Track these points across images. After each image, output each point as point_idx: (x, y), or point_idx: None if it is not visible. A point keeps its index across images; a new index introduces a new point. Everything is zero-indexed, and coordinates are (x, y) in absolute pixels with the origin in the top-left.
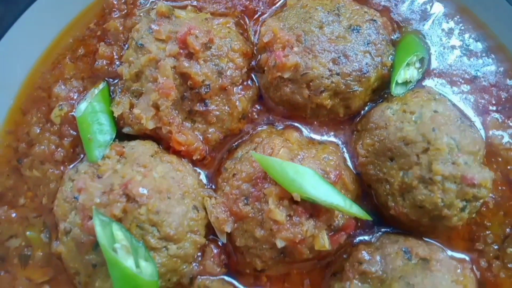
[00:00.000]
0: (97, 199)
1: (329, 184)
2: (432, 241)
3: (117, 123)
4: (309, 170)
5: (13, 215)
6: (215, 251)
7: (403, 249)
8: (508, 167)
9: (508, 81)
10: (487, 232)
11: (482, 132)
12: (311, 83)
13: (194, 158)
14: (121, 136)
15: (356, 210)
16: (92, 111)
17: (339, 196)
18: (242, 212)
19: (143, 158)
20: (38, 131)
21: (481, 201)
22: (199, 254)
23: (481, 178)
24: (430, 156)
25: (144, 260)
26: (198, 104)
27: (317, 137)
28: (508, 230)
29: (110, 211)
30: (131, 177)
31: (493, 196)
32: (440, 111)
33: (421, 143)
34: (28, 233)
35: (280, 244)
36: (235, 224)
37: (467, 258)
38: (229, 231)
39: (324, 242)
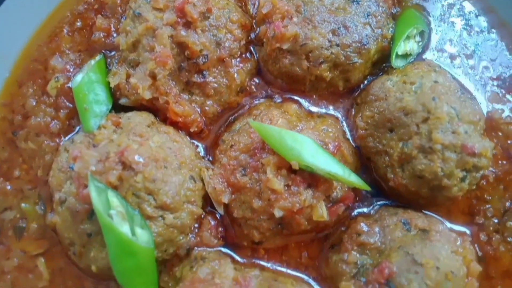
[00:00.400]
0: (92, 167)
1: (328, 153)
2: (431, 214)
3: (114, 94)
4: (308, 138)
5: (8, 187)
6: (212, 223)
7: (402, 221)
8: (508, 142)
9: (509, 56)
10: (487, 206)
11: (483, 106)
12: (310, 54)
13: (192, 130)
14: (118, 108)
15: (355, 179)
16: (88, 81)
17: (338, 165)
18: (239, 183)
19: (140, 128)
20: (34, 103)
21: (481, 172)
22: (196, 225)
23: (481, 147)
24: (430, 125)
25: (140, 228)
26: (195, 75)
27: (316, 110)
28: (508, 204)
29: (105, 178)
30: (127, 145)
31: (493, 170)
32: (441, 81)
33: (421, 113)
34: (23, 205)
35: (278, 213)
36: (233, 195)
37: (467, 231)
38: (226, 202)
39: (322, 212)
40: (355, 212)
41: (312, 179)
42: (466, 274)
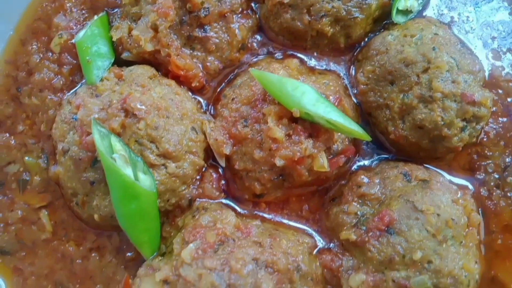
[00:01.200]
0: (95, 114)
1: (329, 102)
2: (432, 168)
3: (116, 49)
4: (308, 87)
5: (12, 142)
6: (214, 176)
7: (403, 172)
8: (508, 99)
9: (509, 16)
10: (488, 162)
11: (483, 64)
12: (311, 8)
13: (193, 85)
14: (120, 64)
15: (355, 127)
16: (91, 34)
17: (338, 113)
18: (241, 134)
19: (142, 79)
20: (38, 60)
21: (481, 124)
22: (198, 177)
23: (481, 96)
24: (430, 75)
25: (143, 173)
26: (197, 29)
27: (317, 67)
28: (508, 160)
29: (108, 125)
30: (130, 93)
31: (494, 127)
32: (441, 34)
33: (421, 63)
34: (26, 158)
35: (279, 162)
36: (234, 147)
37: (468, 186)
38: (228, 153)
39: (323, 162)
40: (356, 166)
41: (313, 129)
42: (466, 224)
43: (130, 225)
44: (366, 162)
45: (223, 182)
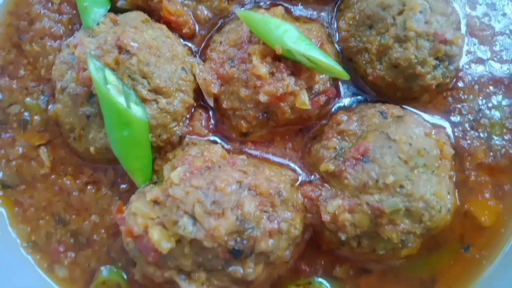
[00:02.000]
0: (91, 52)
1: (310, 41)
2: (409, 108)
3: None
4: (290, 26)
5: (14, 85)
6: (204, 115)
7: (380, 111)
8: (482, 47)
9: None
10: (463, 105)
11: (459, 13)
12: None
13: (184, 31)
14: (115, 12)
15: (335, 64)
16: None
17: (319, 51)
18: (228, 74)
19: (135, 22)
20: (38, 10)
21: (454, 65)
22: (188, 116)
23: (452, 35)
24: (404, 16)
25: (135, 105)
26: None
27: (302, 15)
28: (482, 102)
29: (103, 61)
30: (123, 31)
31: (469, 72)
32: None
33: (396, 6)
34: (27, 100)
35: (263, 98)
36: (222, 87)
37: (443, 126)
38: (216, 92)
39: (304, 99)
40: (336, 107)
41: (295, 67)
42: (439, 156)
43: (123, 151)
44: (346, 104)
45: (212, 122)
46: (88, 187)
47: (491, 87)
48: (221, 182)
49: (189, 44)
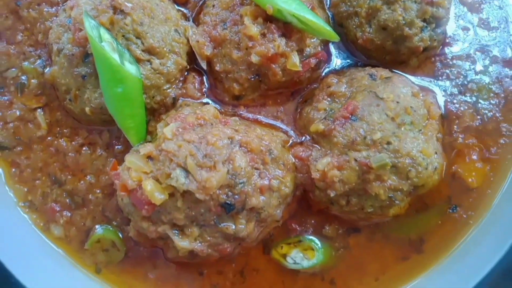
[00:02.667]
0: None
1: (300, 1)
2: (398, 71)
3: None
4: None
5: (12, 50)
6: (197, 78)
7: (369, 73)
8: (473, 14)
9: None
10: (451, 70)
11: None
12: None
13: None
14: None
15: (325, 25)
16: None
17: (309, 11)
18: (221, 36)
19: None
20: None
21: (441, 28)
22: (181, 79)
23: None
24: None
25: (129, 63)
26: None
27: None
28: (469, 67)
29: (99, 20)
30: None
31: (457, 39)
32: None
33: None
34: (24, 64)
35: (254, 59)
36: (215, 50)
37: (431, 89)
38: (209, 54)
39: (295, 60)
40: (327, 71)
41: (286, 29)
42: (426, 116)
43: (117, 109)
44: (337, 68)
45: (205, 86)
46: (84, 148)
47: (478, 53)
48: (212, 137)
49: (183, 10)
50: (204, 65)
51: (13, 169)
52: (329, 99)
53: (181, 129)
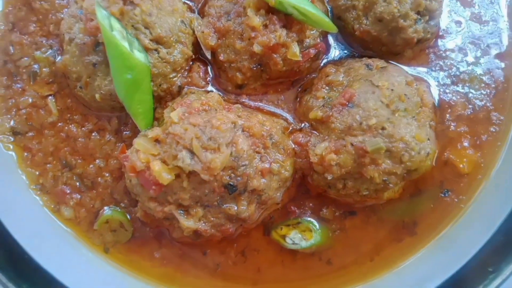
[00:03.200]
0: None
1: None
2: (393, 62)
3: None
4: None
5: (24, 40)
6: (202, 68)
7: (366, 63)
8: (463, 8)
9: None
10: (444, 61)
11: None
12: None
13: None
14: None
15: (324, 16)
16: None
17: (309, 4)
18: (225, 27)
19: None
20: None
21: (435, 20)
22: (187, 68)
23: None
24: None
25: (138, 51)
26: None
27: None
28: (461, 59)
29: (110, 11)
30: None
31: (450, 32)
32: None
33: None
34: (36, 53)
35: (257, 48)
36: (219, 41)
37: (425, 79)
38: (213, 44)
39: (296, 50)
40: (325, 62)
41: (287, 20)
42: (419, 104)
43: (126, 95)
44: (335, 59)
45: (210, 75)
46: (93, 134)
47: (470, 45)
48: (217, 121)
49: (189, 2)
50: (208, 55)
51: (25, 153)
52: (327, 87)
53: (187, 113)
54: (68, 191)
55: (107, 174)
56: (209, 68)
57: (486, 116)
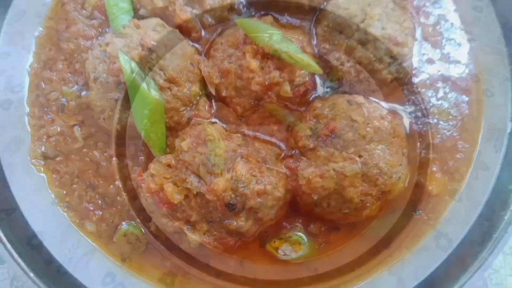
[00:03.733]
0: (121, 49)
1: (291, 42)
2: (371, 98)
3: (135, 8)
4: (277, 30)
5: (54, 77)
6: (207, 102)
7: (347, 99)
8: (436, 50)
9: None
10: (416, 96)
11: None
12: None
13: (192, 35)
14: (137, 18)
15: (310, 61)
16: None
17: (299, 51)
18: (227, 68)
19: (154, 26)
20: (74, 16)
21: (407, 63)
22: (195, 102)
23: (403, 39)
24: (366, 24)
25: (154, 90)
26: None
27: (288, 24)
28: (432, 94)
29: (130, 55)
30: (146, 33)
31: (422, 70)
32: None
33: (360, 15)
34: (64, 88)
35: (254, 87)
36: (222, 79)
37: (398, 112)
38: (217, 83)
39: (287, 88)
40: (313, 97)
41: (280, 63)
42: (392, 134)
43: (144, 126)
44: (321, 94)
45: (214, 107)
46: (114, 158)
47: (440, 82)
48: (219, 150)
49: (196, 45)
50: (213, 91)
51: (55, 175)
52: (314, 120)
53: (195, 143)
54: (91, 208)
55: (125, 194)
56: (213, 102)
57: (453, 145)
